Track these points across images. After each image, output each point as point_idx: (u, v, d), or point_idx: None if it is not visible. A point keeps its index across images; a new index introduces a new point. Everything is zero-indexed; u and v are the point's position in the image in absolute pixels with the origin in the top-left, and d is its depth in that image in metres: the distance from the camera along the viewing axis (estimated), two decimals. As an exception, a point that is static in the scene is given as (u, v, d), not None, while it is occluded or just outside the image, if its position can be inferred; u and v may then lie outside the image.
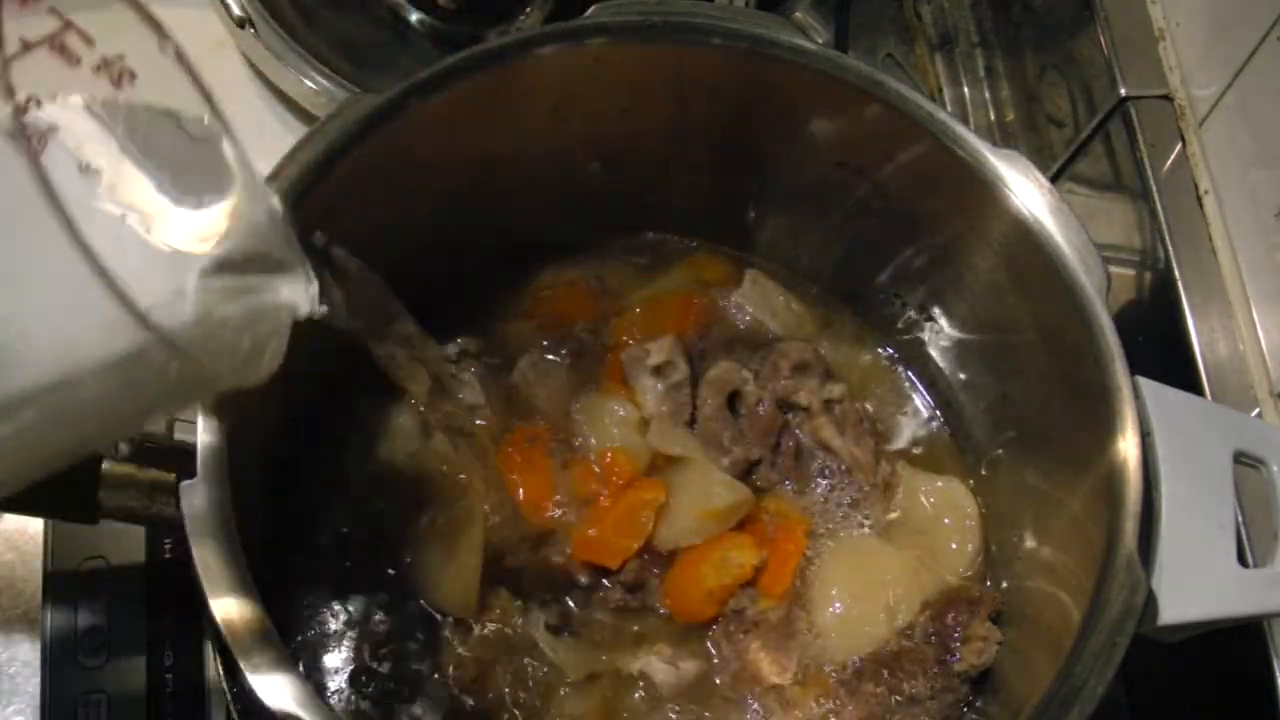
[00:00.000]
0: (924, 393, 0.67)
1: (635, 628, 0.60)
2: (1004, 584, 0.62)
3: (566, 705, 0.57)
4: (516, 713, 0.57)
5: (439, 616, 0.59)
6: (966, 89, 0.89)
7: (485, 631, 0.58)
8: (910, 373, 0.68)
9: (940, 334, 0.66)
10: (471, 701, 0.57)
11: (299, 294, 0.42)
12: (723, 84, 0.60)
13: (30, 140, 0.33)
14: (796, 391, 0.65)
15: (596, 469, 0.62)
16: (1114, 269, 0.66)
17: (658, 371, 0.64)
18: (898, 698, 0.59)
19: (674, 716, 0.58)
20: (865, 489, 0.64)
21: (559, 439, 0.63)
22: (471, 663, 0.57)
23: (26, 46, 0.34)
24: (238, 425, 0.49)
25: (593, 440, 0.63)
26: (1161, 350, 0.68)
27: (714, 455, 0.62)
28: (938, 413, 0.67)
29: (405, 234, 0.61)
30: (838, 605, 0.60)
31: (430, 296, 0.64)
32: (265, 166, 0.52)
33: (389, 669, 0.58)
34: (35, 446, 0.39)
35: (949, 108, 0.87)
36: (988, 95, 0.87)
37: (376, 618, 0.58)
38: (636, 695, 0.58)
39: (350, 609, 0.59)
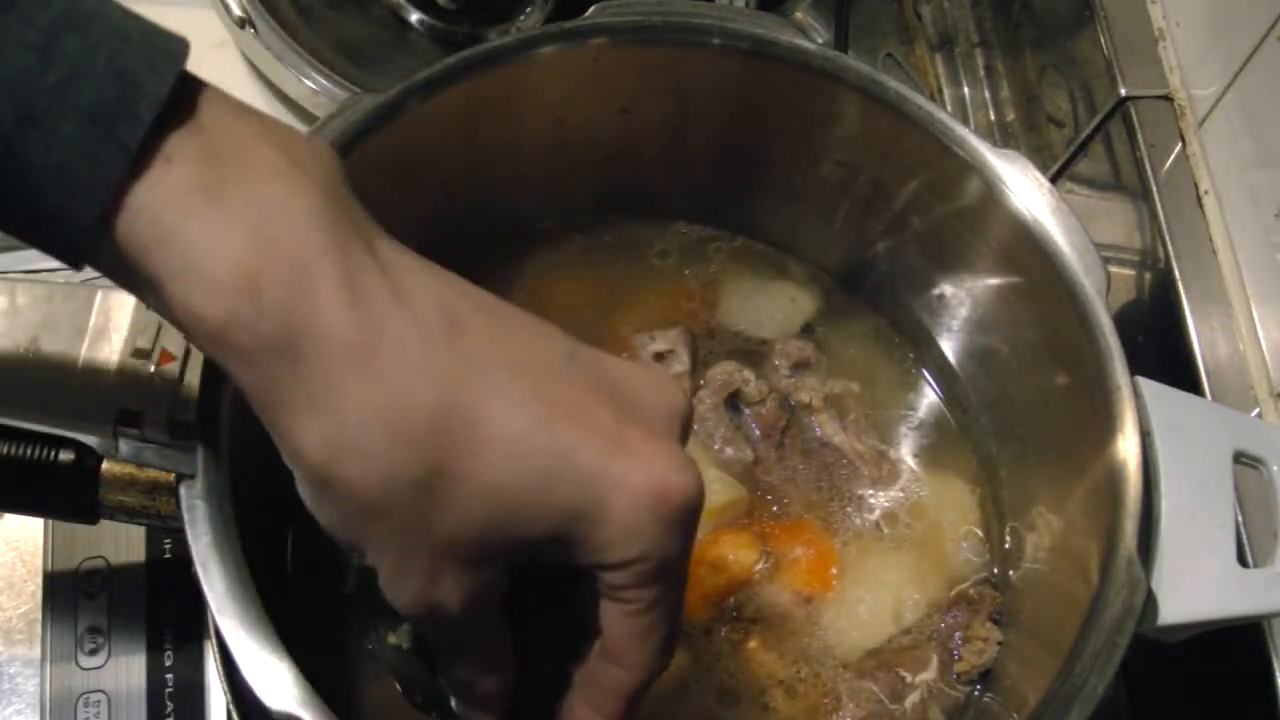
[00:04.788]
0: (925, 391, 0.68)
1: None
2: (1004, 584, 0.62)
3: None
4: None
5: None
6: (966, 89, 0.89)
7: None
8: (911, 371, 0.68)
9: (941, 333, 0.66)
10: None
11: None
12: (723, 84, 0.60)
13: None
14: (798, 389, 0.65)
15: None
16: (1114, 269, 0.66)
17: (659, 359, 0.64)
18: (898, 697, 0.59)
19: (671, 715, 0.58)
20: (869, 486, 0.64)
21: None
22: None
23: None
24: (238, 423, 0.49)
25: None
26: (1161, 350, 0.68)
27: (708, 453, 0.63)
28: (939, 411, 0.67)
29: (404, 231, 0.60)
30: (840, 604, 0.60)
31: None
32: (265, 166, 0.52)
33: (390, 664, 0.58)
34: None
35: (949, 108, 0.87)
36: (988, 95, 0.87)
37: (380, 613, 0.58)
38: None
39: (351, 606, 0.59)
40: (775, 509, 0.63)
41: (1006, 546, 0.62)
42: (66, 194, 0.34)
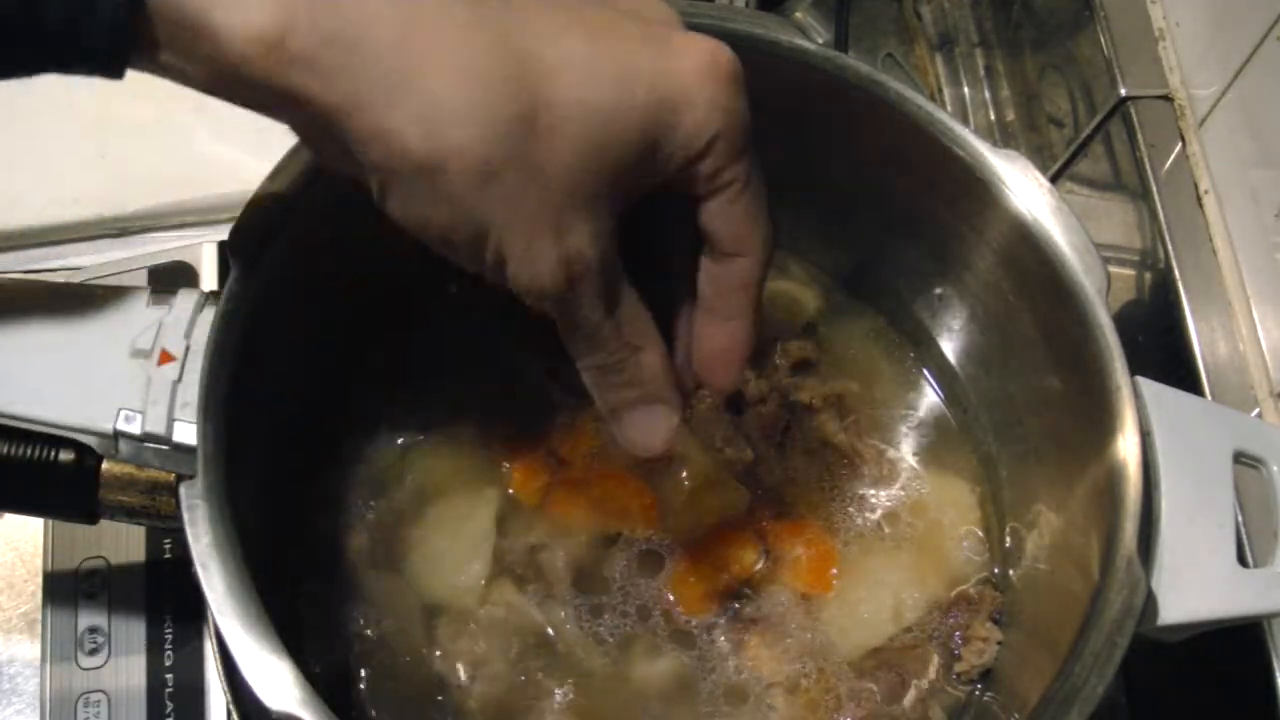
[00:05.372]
0: (926, 390, 0.68)
1: (632, 626, 0.60)
2: (1004, 583, 0.62)
3: (562, 701, 0.57)
4: (515, 708, 0.57)
5: (442, 609, 0.59)
6: (966, 89, 0.89)
7: (488, 623, 0.58)
8: (912, 371, 0.68)
9: (941, 333, 0.66)
10: (471, 697, 0.57)
11: None
12: (723, 84, 0.60)
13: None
14: (798, 389, 0.65)
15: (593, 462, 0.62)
16: (1114, 269, 0.66)
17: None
18: (898, 697, 0.59)
19: (671, 715, 0.58)
20: (869, 485, 0.64)
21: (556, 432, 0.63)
22: (473, 656, 0.57)
23: None
24: (238, 423, 0.49)
25: (589, 435, 0.63)
26: (1161, 350, 0.68)
27: (708, 453, 0.62)
28: (940, 410, 0.67)
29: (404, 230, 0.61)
30: (841, 603, 0.60)
31: (426, 285, 0.64)
32: (266, 166, 0.52)
33: (391, 666, 0.58)
34: None
35: (949, 108, 0.87)
36: (988, 95, 0.87)
37: (378, 613, 0.58)
38: (634, 693, 0.58)
39: (352, 606, 0.59)
40: (776, 509, 0.63)
41: (1007, 546, 0.63)
42: None
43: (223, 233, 0.53)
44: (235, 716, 0.59)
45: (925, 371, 0.68)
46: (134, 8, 0.37)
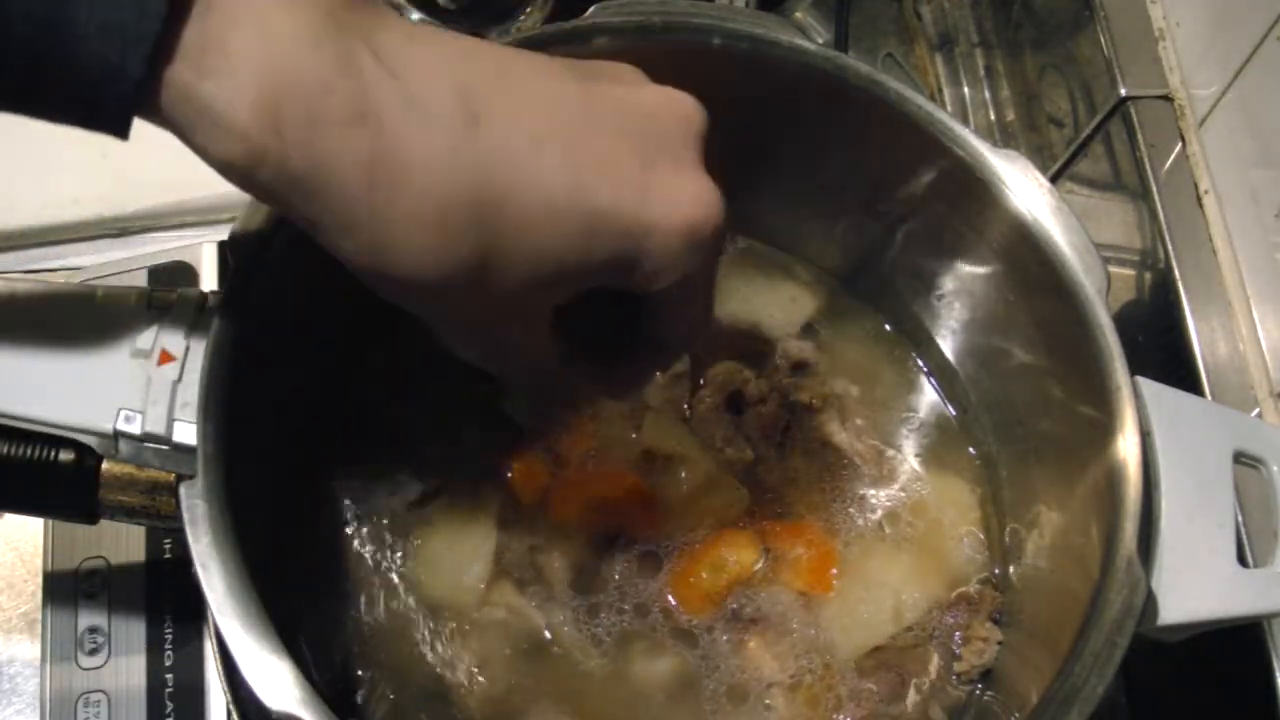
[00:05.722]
0: (926, 391, 0.68)
1: (631, 626, 0.60)
2: (1004, 583, 0.62)
3: (562, 702, 0.57)
4: (515, 708, 0.57)
5: (442, 610, 0.59)
6: (966, 89, 0.89)
7: (488, 624, 0.58)
8: (912, 370, 0.68)
9: (941, 333, 0.66)
10: (471, 697, 0.57)
11: None
12: (723, 84, 0.60)
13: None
14: (799, 389, 0.65)
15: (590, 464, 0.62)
16: (1114, 269, 0.66)
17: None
18: (898, 697, 0.59)
19: (671, 715, 0.58)
20: (870, 486, 0.64)
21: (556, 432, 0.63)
22: (473, 657, 0.57)
23: None
24: (238, 423, 0.49)
25: (589, 435, 0.63)
26: (1161, 350, 0.68)
27: (708, 453, 0.63)
28: (940, 411, 0.67)
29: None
30: (841, 603, 0.60)
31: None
32: (265, 166, 0.52)
33: (391, 666, 0.58)
34: None
35: (949, 108, 0.87)
36: (988, 95, 0.87)
37: (378, 615, 0.58)
38: (634, 693, 0.58)
39: (352, 608, 0.59)
40: (777, 509, 0.63)
41: (1007, 546, 0.63)
42: (119, 48, 0.36)
43: (223, 233, 0.53)
44: (235, 716, 0.59)
45: (925, 371, 0.68)
46: (140, 101, 0.38)
